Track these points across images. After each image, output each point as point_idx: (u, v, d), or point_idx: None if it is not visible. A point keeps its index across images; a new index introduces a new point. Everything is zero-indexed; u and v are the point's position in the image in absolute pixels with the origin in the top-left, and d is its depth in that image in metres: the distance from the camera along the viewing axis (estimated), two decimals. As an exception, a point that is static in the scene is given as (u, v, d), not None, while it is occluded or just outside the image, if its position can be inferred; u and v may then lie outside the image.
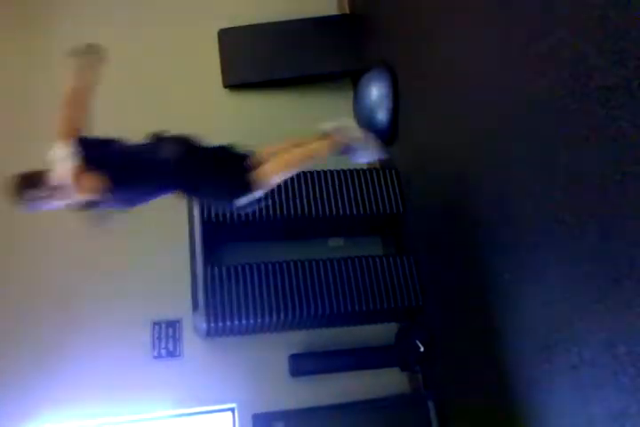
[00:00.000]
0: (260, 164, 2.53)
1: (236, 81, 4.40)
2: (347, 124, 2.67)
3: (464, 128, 2.93)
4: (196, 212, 3.46)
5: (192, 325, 3.49)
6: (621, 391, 1.96)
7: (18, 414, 3.27)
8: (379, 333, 3.64)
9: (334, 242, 3.94)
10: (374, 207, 3.61)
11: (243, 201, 2.53)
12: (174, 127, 4.10)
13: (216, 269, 3.33)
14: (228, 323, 3.23)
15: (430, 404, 3.29)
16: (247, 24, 4.48)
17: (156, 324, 3.57)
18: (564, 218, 2.18)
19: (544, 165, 2.28)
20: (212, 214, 3.44)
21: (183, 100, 4.29)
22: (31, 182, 2.33)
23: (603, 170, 1.96)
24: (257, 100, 4.40)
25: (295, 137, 2.76)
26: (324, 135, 2.62)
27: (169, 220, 3.80)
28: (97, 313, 3.52)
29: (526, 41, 2.33)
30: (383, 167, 3.87)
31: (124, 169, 2.44)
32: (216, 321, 3.22)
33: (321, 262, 3.44)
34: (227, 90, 4.40)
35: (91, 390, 3.37)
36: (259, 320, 3.26)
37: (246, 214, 3.43)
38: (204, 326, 3.23)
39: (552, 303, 2.30)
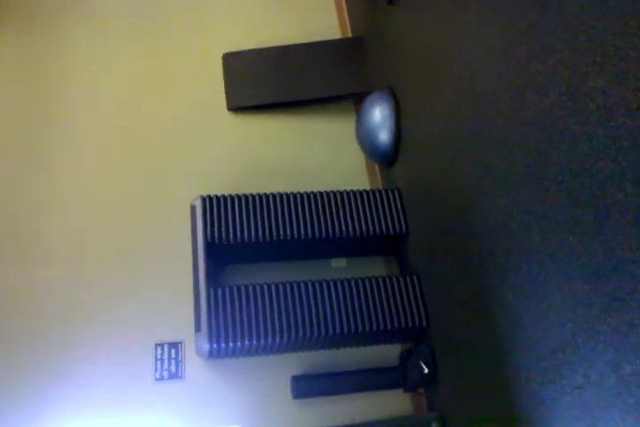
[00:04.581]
0: None
1: (240, 104, 4.45)
2: None
3: (466, 148, 2.95)
4: (200, 233, 3.46)
5: (194, 347, 3.47)
6: (627, 413, 1.94)
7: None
8: (382, 354, 3.62)
9: (337, 263, 3.94)
10: (377, 228, 3.61)
11: None
12: (178, 150, 4.19)
13: (219, 290, 3.32)
14: (231, 344, 3.21)
15: (434, 425, 3.26)
16: (251, 48, 4.55)
17: (159, 345, 3.56)
18: (567, 238, 2.18)
19: (546, 185, 2.29)
20: (216, 236, 3.44)
21: (187, 124, 4.34)
22: None
23: (604, 190, 1.97)
24: (261, 123, 4.44)
25: None
26: None
27: (171, 241, 3.82)
28: (98, 334, 3.51)
29: (526, 61, 2.36)
30: (386, 188, 3.89)
31: None
32: (218, 342, 3.20)
33: (324, 283, 3.43)
34: (231, 113, 4.45)
35: (90, 411, 3.34)
36: (262, 341, 3.24)
37: (249, 236, 3.45)
38: (206, 347, 3.22)
39: (556, 324, 2.29)
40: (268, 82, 4.47)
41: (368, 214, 3.65)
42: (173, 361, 3.54)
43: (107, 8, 4.75)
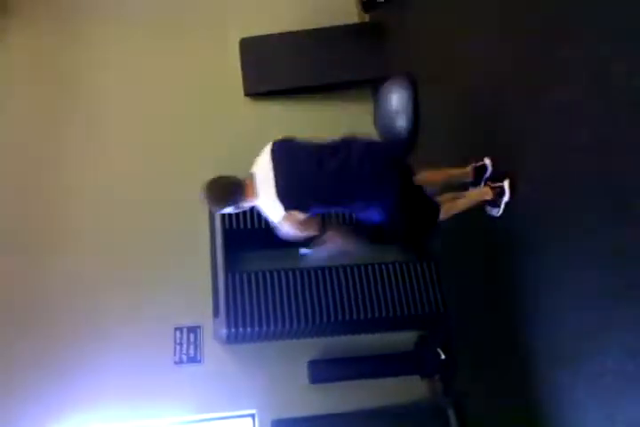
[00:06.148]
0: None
1: (257, 89, 4.44)
2: None
3: (486, 134, 2.93)
4: (218, 220, 3.48)
5: (213, 331, 3.51)
6: (646, 400, 1.95)
7: (40, 416, 3.32)
8: (398, 340, 3.63)
9: (354, 249, 3.93)
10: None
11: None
12: (195, 135, 4.19)
13: (237, 275, 3.35)
14: (248, 329, 3.25)
15: (450, 412, 3.28)
16: (268, 33, 4.53)
17: (178, 329, 3.60)
18: (591, 225, 2.17)
19: (568, 171, 2.28)
20: (234, 222, 3.46)
21: (204, 109, 4.34)
22: (229, 195, 2.44)
23: (629, 175, 1.96)
24: (277, 109, 4.43)
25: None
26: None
27: (189, 227, 3.83)
28: (119, 318, 3.55)
29: (551, 46, 2.33)
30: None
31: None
32: (236, 327, 3.24)
33: (341, 269, 3.45)
34: (247, 98, 4.44)
35: (112, 394, 3.40)
36: (278, 327, 3.27)
37: (266, 222, 3.46)
38: (224, 332, 3.25)
39: (576, 312, 2.29)
40: (284, 67, 4.44)
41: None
42: (192, 345, 3.58)
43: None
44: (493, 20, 2.78)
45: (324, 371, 3.46)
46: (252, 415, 3.46)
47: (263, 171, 2.41)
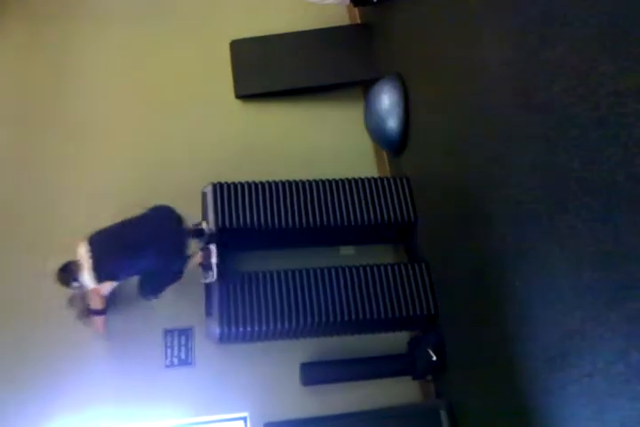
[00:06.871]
0: None
1: (248, 92, 4.43)
2: None
3: (475, 135, 2.93)
4: (210, 219, 3.47)
5: (205, 331, 3.48)
6: (636, 400, 1.94)
7: (29, 422, 3.30)
8: (390, 341, 3.63)
9: (346, 250, 3.94)
10: (385, 215, 3.61)
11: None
12: (186, 138, 4.19)
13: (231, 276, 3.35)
14: (241, 329, 3.25)
15: (442, 413, 3.27)
16: (259, 35, 4.53)
17: (168, 331, 3.58)
18: (576, 226, 2.17)
19: (555, 172, 2.28)
20: (226, 222, 3.46)
21: (195, 112, 4.33)
22: (67, 275, 3.07)
23: (614, 176, 1.95)
24: (269, 111, 4.43)
25: None
26: None
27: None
28: (110, 321, 3.52)
29: (537, 47, 2.33)
30: (394, 176, 3.88)
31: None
32: (229, 326, 3.24)
33: (333, 271, 3.45)
34: (239, 101, 4.43)
35: (102, 398, 3.38)
36: (271, 327, 3.27)
37: (259, 223, 3.47)
38: (217, 331, 3.24)
39: (565, 311, 2.29)
40: (275, 69, 4.45)
41: (376, 202, 3.65)
42: (183, 348, 3.56)
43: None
44: (484, 20, 2.78)
45: (317, 373, 3.46)
46: (244, 418, 3.45)
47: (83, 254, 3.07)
